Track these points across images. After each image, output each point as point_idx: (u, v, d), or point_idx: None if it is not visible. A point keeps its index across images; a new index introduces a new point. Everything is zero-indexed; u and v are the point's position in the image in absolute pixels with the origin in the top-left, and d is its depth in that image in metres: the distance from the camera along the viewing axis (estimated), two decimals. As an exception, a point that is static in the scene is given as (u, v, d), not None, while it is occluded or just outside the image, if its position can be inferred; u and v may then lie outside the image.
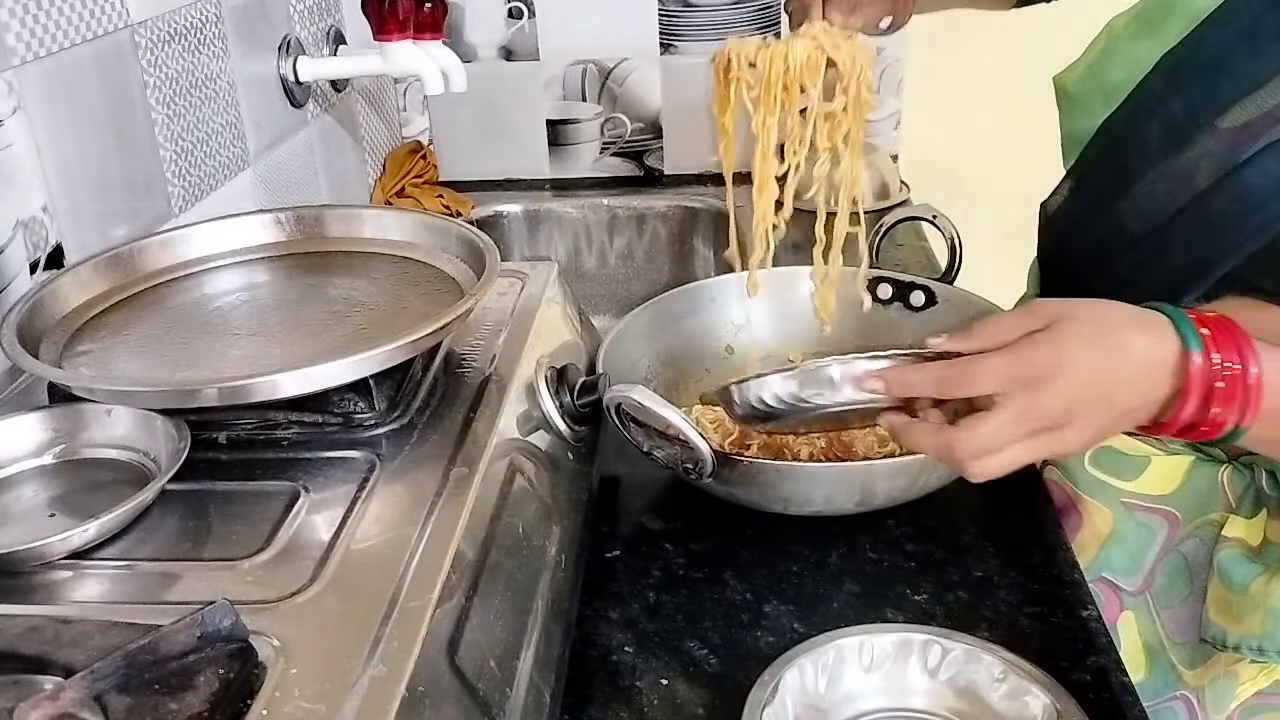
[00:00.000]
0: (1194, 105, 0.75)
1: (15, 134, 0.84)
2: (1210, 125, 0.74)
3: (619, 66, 1.64)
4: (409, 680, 0.50)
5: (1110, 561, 0.86)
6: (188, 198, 1.08)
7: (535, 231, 1.65)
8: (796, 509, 0.82)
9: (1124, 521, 0.86)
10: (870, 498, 0.81)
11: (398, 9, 1.22)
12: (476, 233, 0.83)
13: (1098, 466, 0.88)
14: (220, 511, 0.64)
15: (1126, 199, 0.80)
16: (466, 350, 0.81)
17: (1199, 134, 0.74)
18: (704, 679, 0.71)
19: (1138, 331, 0.63)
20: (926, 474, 0.80)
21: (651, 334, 1.00)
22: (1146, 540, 0.86)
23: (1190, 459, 0.85)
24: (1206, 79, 0.75)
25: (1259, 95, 0.71)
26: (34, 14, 0.85)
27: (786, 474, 0.80)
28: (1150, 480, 0.86)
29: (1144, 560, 0.86)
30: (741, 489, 0.81)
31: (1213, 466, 0.84)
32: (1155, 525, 0.86)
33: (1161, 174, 0.77)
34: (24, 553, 0.57)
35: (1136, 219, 0.79)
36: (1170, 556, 0.86)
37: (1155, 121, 0.77)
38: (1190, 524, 0.85)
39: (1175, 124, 0.76)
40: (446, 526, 0.60)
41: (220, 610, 0.49)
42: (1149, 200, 0.78)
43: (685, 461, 0.79)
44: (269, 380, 0.65)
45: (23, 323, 0.72)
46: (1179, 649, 0.85)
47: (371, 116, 1.59)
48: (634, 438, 0.81)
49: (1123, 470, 0.86)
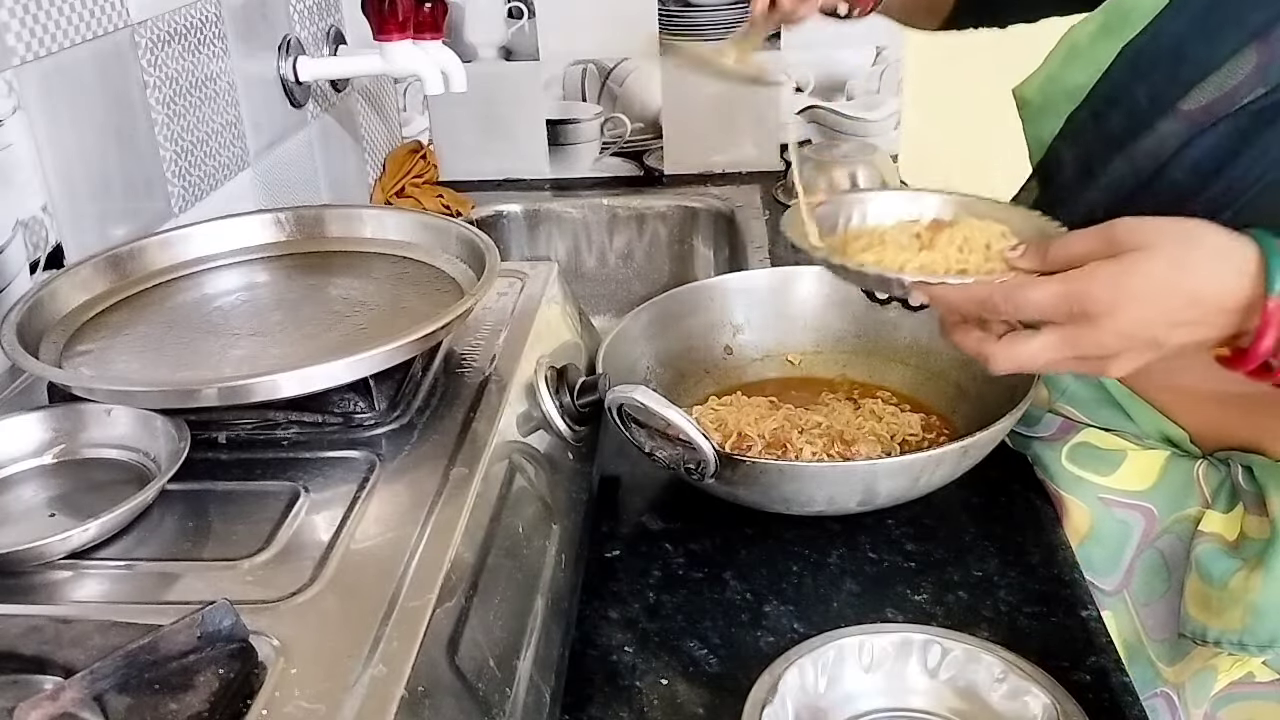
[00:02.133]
0: (1155, 91, 0.75)
1: (15, 134, 0.84)
2: (1172, 108, 0.74)
3: (619, 66, 1.64)
4: (409, 680, 0.50)
5: (1090, 560, 0.86)
6: (187, 198, 1.08)
7: (535, 231, 1.65)
8: (799, 509, 0.82)
9: (1102, 518, 0.87)
10: (872, 497, 0.81)
11: (398, 9, 1.22)
12: (476, 233, 0.83)
13: (1074, 462, 0.88)
14: (220, 511, 0.64)
15: (1094, 188, 0.80)
16: (466, 350, 0.81)
17: (1161, 119, 0.75)
18: (704, 679, 0.71)
19: (1215, 270, 0.61)
20: (928, 473, 0.80)
21: (651, 334, 1.00)
22: (1124, 537, 0.86)
23: (1166, 454, 0.85)
24: (1165, 65, 0.75)
25: (1216, 77, 0.72)
26: (34, 14, 0.85)
27: (789, 474, 0.80)
28: (1126, 475, 0.86)
29: (1122, 558, 0.87)
30: (743, 489, 0.81)
31: (1188, 461, 0.84)
32: (1132, 521, 0.86)
33: (1127, 158, 0.77)
34: (24, 553, 0.57)
35: (1104, 207, 0.79)
36: (1147, 553, 0.86)
37: (1119, 110, 0.78)
38: (1167, 519, 0.85)
39: (1138, 110, 0.76)
40: (446, 526, 0.60)
41: (220, 610, 0.49)
42: (1115, 186, 0.78)
43: (688, 462, 0.79)
44: (269, 380, 0.65)
45: (22, 323, 0.73)
46: (1158, 645, 0.85)
47: (371, 116, 1.59)
48: (635, 438, 0.81)
49: (1099, 465, 0.87)
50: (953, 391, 0.97)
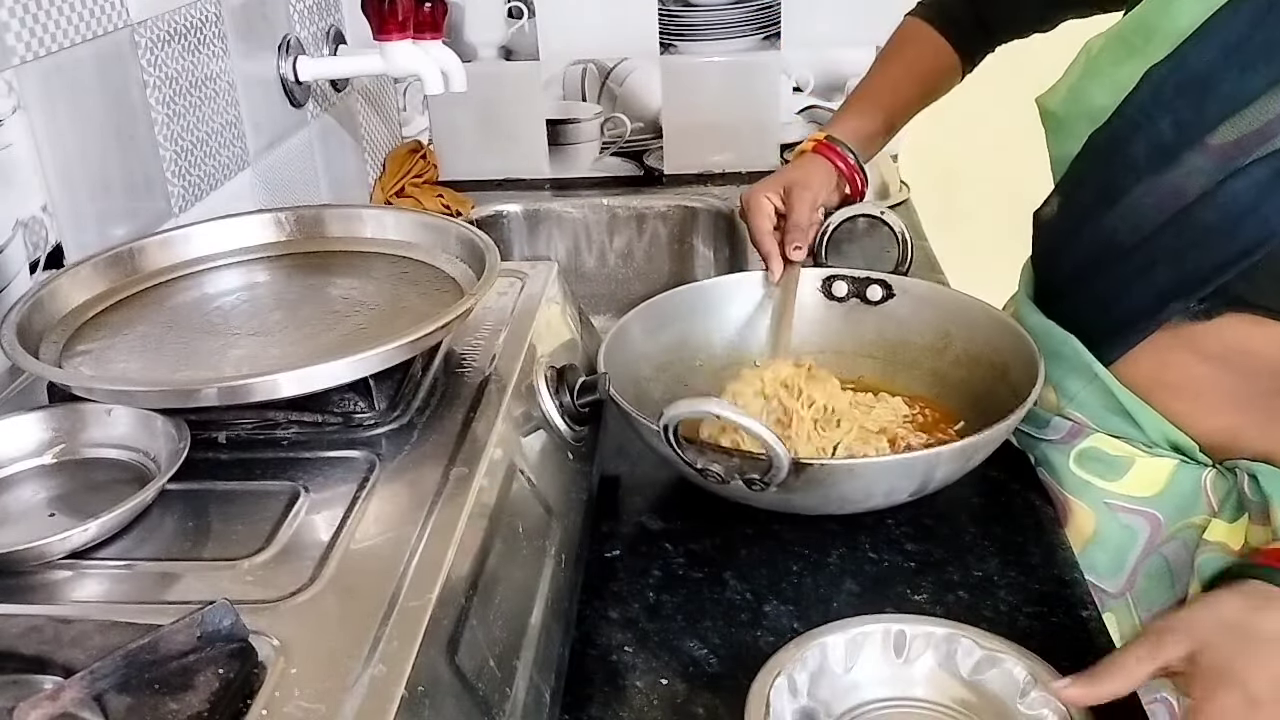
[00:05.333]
0: (1181, 123, 0.75)
1: (15, 134, 0.84)
2: (1200, 143, 0.74)
3: (619, 66, 1.64)
4: (409, 680, 0.50)
5: (1093, 562, 0.86)
6: (187, 198, 1.08)
7: (535, 231, 1.65)
8: (853, 507, 0.82)
9: (1106, 522, 0.87)
10: (927, 484, 0.81)
11: (398, 9, 1.22)
12: (476, 232, 0.83)
13: (1082, 467, 0.88)
14: (220, 511, 0.64)
15: (1113, 213, 0.80)
16: (466, 350, 0.81)
17: (1188, 151, 0.75)
18: (704, 679, 0.71)
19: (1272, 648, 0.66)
20: (982, 453, 0.82)
21: (651, 334, 1.00)
22: (1128, 541, 0.86)
23: (1174, 462, 0.85)
24: (1191, 96, 0.74)
25: (1248, 112, 0.72)
26: (34, 14, 0.85)
27: (859, 471, 0.79)
28: (1134, 482, 0.86)
29: (1125, 561, 0.87)
30: (801, 494, 0.79)
31: (1196, 470, 0.84)
32: (1137, 527, 0.86)
33: (1149, 189, 0.77)
34: (24, 552, 0.57)
35: (1125, 232, 0.80)
36: (1152, 558, 0.86)
37: (1142, 139, 0.77)
38: (1172, 526, 0.85)
39: (1163, 141, 0.76)
40: (446, 526, 0.60)
41: (220, 610, 0.49)
42: (1136, 214, 0.79)
43: (750, 472, 0.77)
44: (269, 380, 0.65)
45: (22, 322, 0.72)
46: None
47: (371, 116, 1.59)
48: (686, 456, 0.79)
49: (1107, 471, 0.87)
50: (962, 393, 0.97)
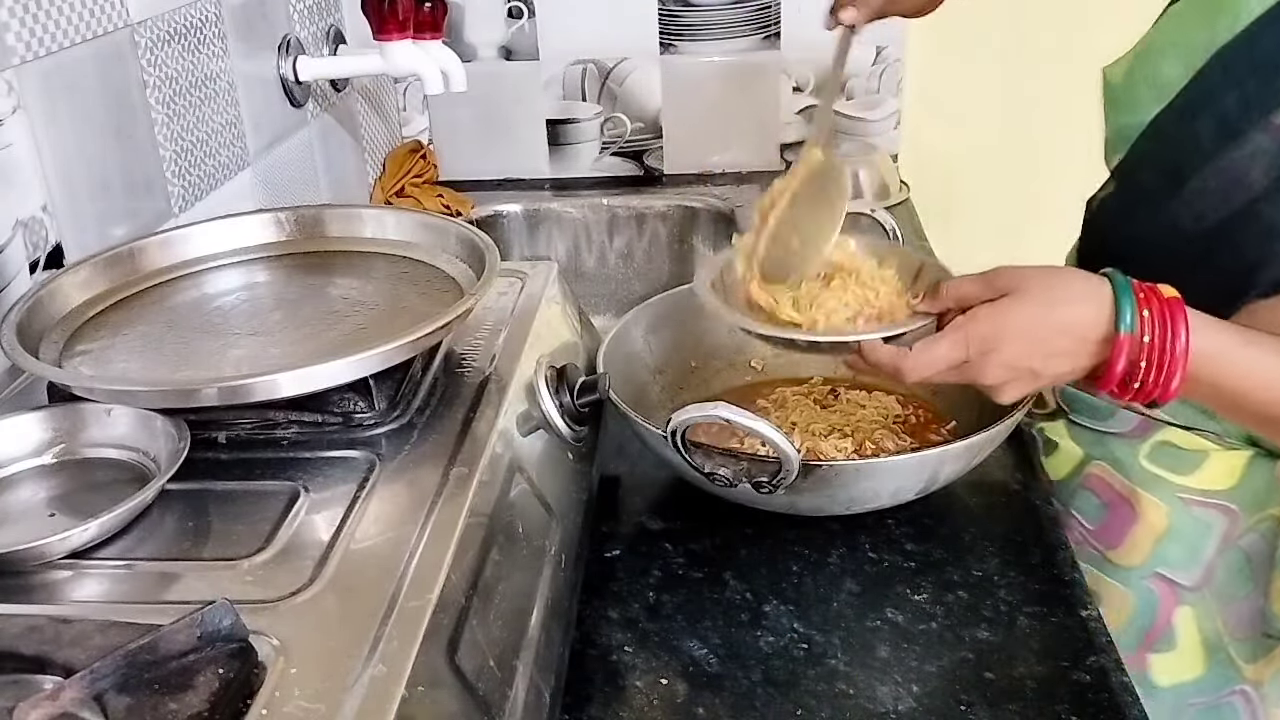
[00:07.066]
0: (1248, 100, 0.74)
1: (15, 134, 0.84)
2: (1265, 121, 0.73)
3: (619, 66, 1.64)
4: (409, 680, 0.50)
5: (1166, 557, 0.85)
6: (187, 197, 1.08)
7: (535, 231, 1.65)
8: (860, 507, 0.82)
9: (1180, 517, 0.85)
10: (933, 483, 0.82)
11: (398, 9, 1.22)
12: (476, 232, 0.83)
13: (1154, 461, 0.87)
14: (220, 511, 0.64)
15: (1177, 199, 0.79)
16: (466, 350, 0.81)
17: (1252, 130, 0.74)
18: (704, 679, 0.71)
19: (1077, 309, 0.71)
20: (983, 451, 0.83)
21: (651, 334, 1.00)
22: (1204, 535, 0.85)
23: (1248, 454, 0.84)
24: (1261, 74, 0.74)
25: None
26: (34, 14, 0.85)
27: (867, 471, 0.80)
28: (1207, 475, 0.85)
29: (1202, 555, 0.85)
30: (809, 495, 0.80)
31: (1270, 461, 0.83)
32: (1212, 520, 0.85)
33: (1213, 171, 0.76)
34: (24, 552, 0.57)
35: (1189, 219, 0.78)
36: (1231, 552, 0.85)
37: (1208, 116, 0.76)
38: (1249, 519, 0.84)
39: (1229, 119, 0.75)
40: (446, 526, 0.60)
41: (220, 610, 0.49)
42: (1200, 200, 0.77)
43: (758, 475, 0.78)
44: (269, 380, 0.65)
45: (22, 322, 0.72)
46: (1239, 644, 0.84)
47: (371, 116, 1.59)
48: (694, 461, 0.80)
49: (1179, 465, 0.85)
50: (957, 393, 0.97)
